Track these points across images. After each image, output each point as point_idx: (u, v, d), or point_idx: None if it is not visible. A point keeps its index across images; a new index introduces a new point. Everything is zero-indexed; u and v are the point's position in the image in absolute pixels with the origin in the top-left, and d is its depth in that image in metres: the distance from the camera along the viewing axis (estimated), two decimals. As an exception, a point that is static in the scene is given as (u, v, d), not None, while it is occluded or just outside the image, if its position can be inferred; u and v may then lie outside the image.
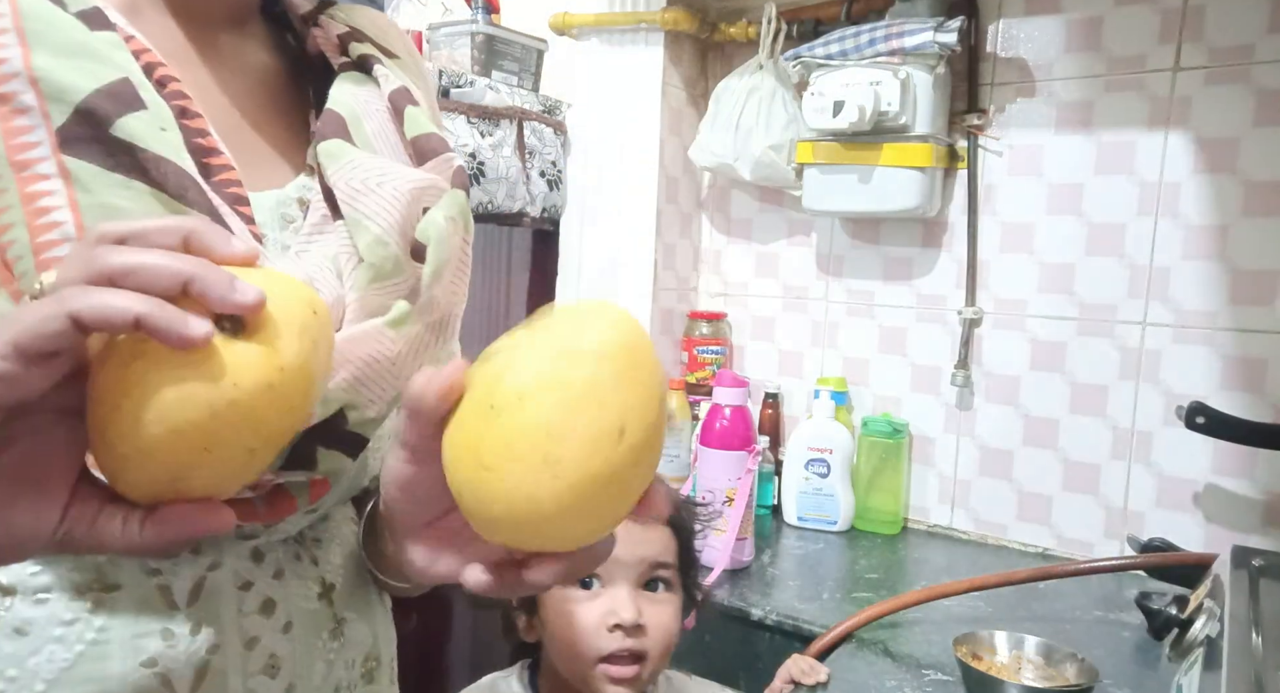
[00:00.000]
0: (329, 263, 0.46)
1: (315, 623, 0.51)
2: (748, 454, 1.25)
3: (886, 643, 1.03)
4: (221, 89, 0.50)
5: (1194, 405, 1.15)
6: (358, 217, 0.46)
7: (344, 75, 0.52)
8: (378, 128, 0.51)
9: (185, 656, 0.45)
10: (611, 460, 0.34)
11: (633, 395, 0.34)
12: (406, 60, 0.56)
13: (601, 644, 0.80)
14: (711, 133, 1.48)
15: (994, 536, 1.41)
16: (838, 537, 1.42)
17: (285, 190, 0.50)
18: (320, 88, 0.53)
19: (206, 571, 0.46)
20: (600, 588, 0.82)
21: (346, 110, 0.50)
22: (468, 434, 0.35)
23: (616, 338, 0.35)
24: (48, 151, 0.38)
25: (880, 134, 1.33)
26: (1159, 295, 1.27)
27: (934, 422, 1.46)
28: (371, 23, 0.56)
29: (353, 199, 0.46)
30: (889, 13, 1.35)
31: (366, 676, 0.55)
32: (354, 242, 0.46)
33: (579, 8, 1.56)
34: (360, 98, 0.51)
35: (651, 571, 0.84)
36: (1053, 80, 1.33)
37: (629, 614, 0.80)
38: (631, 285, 1.56)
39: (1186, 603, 0.81)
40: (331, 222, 0.48)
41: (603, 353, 0.34)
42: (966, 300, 1.40)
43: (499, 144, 1.39)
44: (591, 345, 0.34)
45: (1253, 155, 1.19)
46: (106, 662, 0.43)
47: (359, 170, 0.47)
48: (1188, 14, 1.22)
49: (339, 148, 0.48)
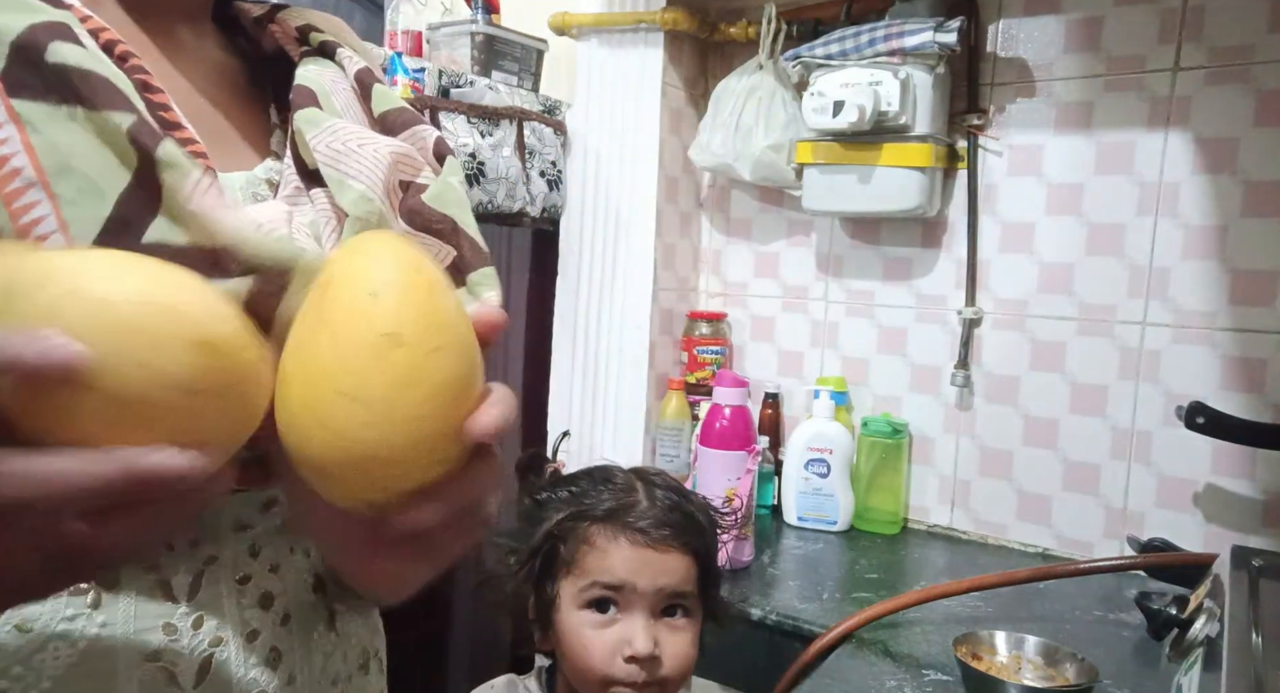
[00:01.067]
0: (307, 229, 0.46)
1: (312, 616, 0.51)
2: (748, 454, 1.25)
3: (886, 643, 1.03)
4: (183, 76, 0.50)
5: (1194, 405, 1.15)
6: (340, 177, 0.46)
7: (307, 60, 0.52)
8: (345, 104, 0.51)
9: (188, 649, 0.45)
10: (398, 365, 0.34)
11: (403, 302, 0.35)
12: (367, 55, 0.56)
13: (615, 673, 0.79)
14: (711, 133, 1.48)
15: (994, 536, 1.41)
16: (838, 537, 1.42)
17: (254, 172, 0.50)
18: (279, 83, 0.52)
19: (204, 564, 0.46)
20: (616, 614, 0.81)
21: (315, 85, 0.50)
22: (286, 400, 0.35)
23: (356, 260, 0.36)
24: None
25: (880, 134, 1.33)
26: (1159, 295, 1.27)
27: (934, 422, 1.46)
28: (325, 22, 0.56)
29: (334, 161, 0.46)
30: (889, 13, 1.35)
31: (363, 668, 0.56)
32: (337, 202, 0.46)
33: (579, 8, 1.56)
34: (326, 77, 0.51)
35: (670, 599, 0.82)
36: (1053, 80, 1.33)
37: (644, 646, 0.78)
38: (631, 285, 1.56)
39: (1186, 603, 0.81)
40: (305, 193, 0.47)
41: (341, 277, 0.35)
42: (966, 300, 1.40)
43: (499, 144, 1.39)
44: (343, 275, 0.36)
45: (1253, 155, 1.19)
46: (112, 658, 0.43)
47: (339, 134, 0.47)
48: (1188, 14, 1.22)
49: (315, 115, 0.48)
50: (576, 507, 0.84)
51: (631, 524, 0.82)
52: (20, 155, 0.37)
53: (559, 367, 1.64)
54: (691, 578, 0.83)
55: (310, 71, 0.51)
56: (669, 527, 0.82)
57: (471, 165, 1.33)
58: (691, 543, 0.83)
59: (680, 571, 0.82)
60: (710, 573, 0.86)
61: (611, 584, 0.80)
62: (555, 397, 1.65)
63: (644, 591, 0.80)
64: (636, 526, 0.81)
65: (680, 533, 0.83)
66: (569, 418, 1.63)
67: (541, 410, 1.65)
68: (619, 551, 0.81)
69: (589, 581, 0.81)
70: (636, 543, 0.81)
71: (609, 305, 1.58)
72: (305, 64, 0.51)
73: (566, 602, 0.82)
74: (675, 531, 0.82)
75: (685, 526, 0.84)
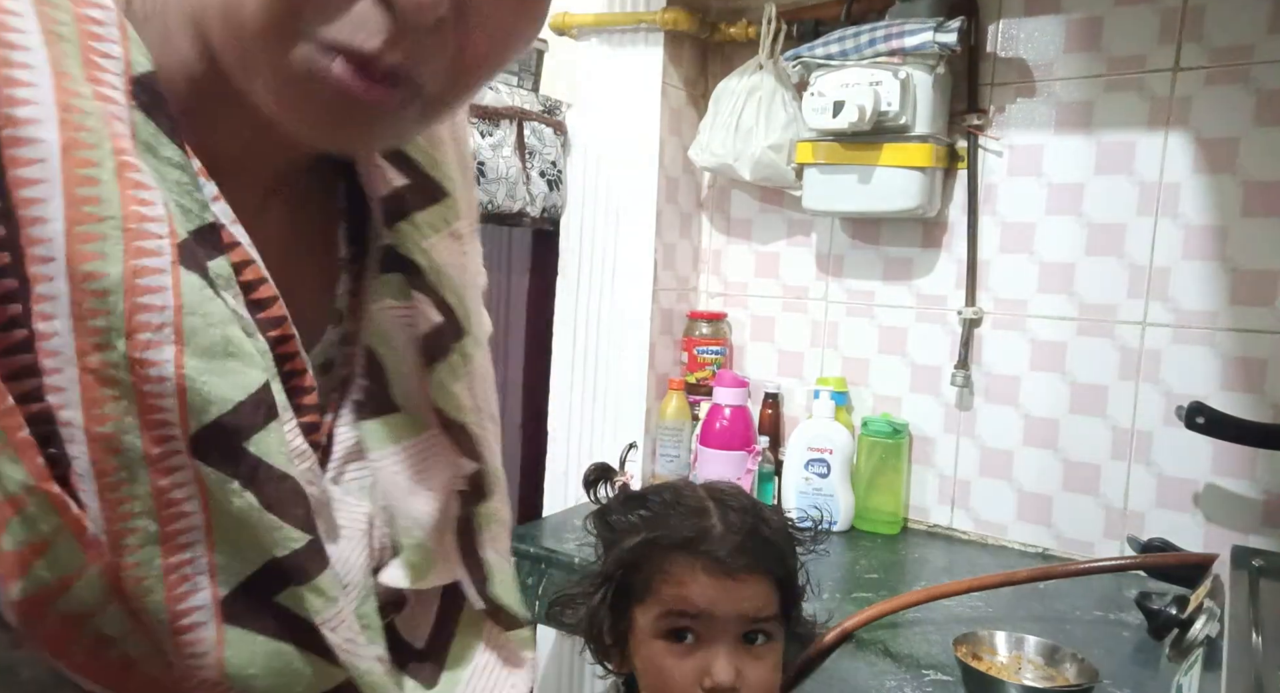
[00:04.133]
0: (362, 525, 0.46)
1: None
2: (748, 454, 1.25)
3: (886, 643, 1.03)
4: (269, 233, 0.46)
5: (1194, 405, 1.15)
6: (403, 522, 0.47)
7: (385, 282, 0.48)
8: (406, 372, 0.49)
9: None
10: None
11: None
12: (456, 177, 0.53)
13: None
14: (711, 133, 1.48)
15: (994, 536, 1.41)
16: (838, 537, 1.42)
17: (320, 347, 0.48)
18: (353, 196, 0.50)
19: None
20: (695, 644, 0.78)
21: (385, 348, 0.48)
22: None
23: None
24: (181, 446, 0.37)
25: (880, 134, 1.33)
26: (1159, 295, 1.27)
27: (934, 422, 1.46)
28: None
29: (394, 497, 0.46)
30: (889, 13, 1.35)
31: None
32: (395, 537, 0.47)
33: (579, 8, 1.56)
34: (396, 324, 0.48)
35: (751, 626, 0.79)
36: (1053, 80, 1.33)
37: (726, 677, 0.75)
38: (631, 285, 1.56)
39: (1186, 603, 0.81)
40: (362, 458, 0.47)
41: None
42: (966, 300, 1.40)
43: (499, 144, 1.39)
44: None
45: (1253, 155, 1.19)
46: None
47: (404, 453, 0.47)
48: (1188, 14, 1.22)
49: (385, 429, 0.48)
50: (649, 532, 0.81)
51: (708, 553, 0.78)
52: (196, 513, 0.37)
53: (559, 367, 1.64)
54: (772, 602, 0.80)
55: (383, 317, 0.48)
56: (746, 554, 0.79)
57: (471, 165, 1.33)
58: (770, 567, 0.80)
59: (760, 596, 0.79)
60: (791, 594, 0.83)
61: (688, 613, 0.78)
62: (555, 397, 1.65)
63: (723, 619, 0.77)
64: (714, 554, 0.78)
65: (758, 559, 0.79)
66: (569, 418, 1.63)
67: (541, 410, 1.66)
68: (695, 580, 0.78)
69: (665, 609, 0.78)
70: (713, 572, 0.78)
71: (609, 305, 1.58)
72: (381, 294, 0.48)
73: (643, 629, 0.80)
74: (752, 557, 0.79)
75: (763, 551, 0.80)
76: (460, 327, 0.49)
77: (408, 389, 0.49)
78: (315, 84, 0.37)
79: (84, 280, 0.34)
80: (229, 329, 0.38)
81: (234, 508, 0.38)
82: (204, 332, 0.36)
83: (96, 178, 0.34)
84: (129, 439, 0.35)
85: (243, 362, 0.38)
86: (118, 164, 0.35)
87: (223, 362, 0.37)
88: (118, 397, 0.35)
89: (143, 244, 0.35)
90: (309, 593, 0.40)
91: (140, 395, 0.35)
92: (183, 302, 0.36)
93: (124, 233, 0.34)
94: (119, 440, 0.35)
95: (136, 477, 0.36)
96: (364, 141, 0.43)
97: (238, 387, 0.37)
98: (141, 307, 0.35)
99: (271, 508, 0.38)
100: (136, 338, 0.34)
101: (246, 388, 0.38)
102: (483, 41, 0.39)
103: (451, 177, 0.51)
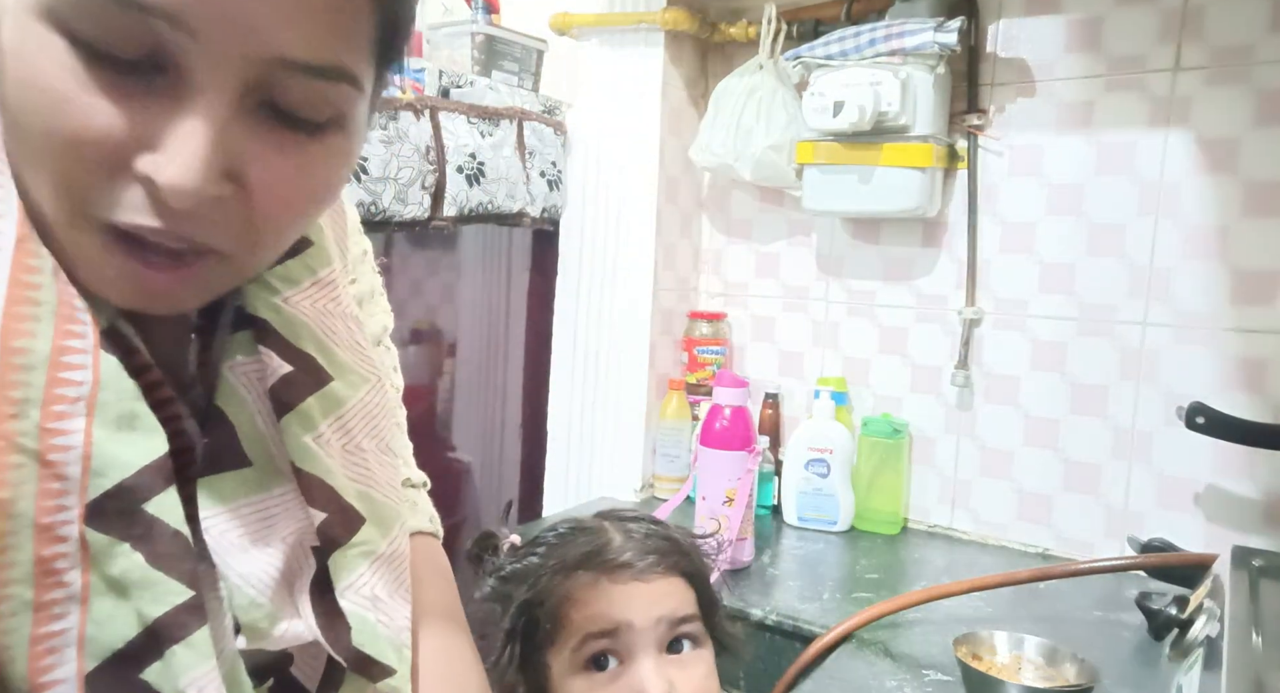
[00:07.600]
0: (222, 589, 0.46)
1: None
2: (748, 454, 1.25)
3: (886, 643, 1.03)
4: None
5: (1194, 406, 1.15)
6: (233, 580, 0.45)
7: (235, 341, 0.48)
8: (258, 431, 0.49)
9: None
10: None
11: None
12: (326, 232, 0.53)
13: None
14: (711, 133, 1.48)
15: (994, 536, 1.41)
16: (838, 537, 1.42)
17: None
18: None
19: None
20: (618, 668, 0.70)
21: (231, 405, 0.47)
22: None
23: None
24: (74, 516, 0.38)
25: (880, 134, 1.33)
26: (1159, 295, 1.27)
27: (934, 422, 1.46)
28: None
29: (221, 555, 0.45)
30: (889, 13, 1.36)
31: None
32: (229, 596, 0.45)
33: (579, 8, 1.56)
34: (246, 380, 0.48)
35: (673, 630, 0.72)
36: (1053, 80, 1.33)
37: (657, 690, 0.68)
38: (631, 285, 1.56)
39: (1186, 603, 0.81)
40: None
41: None
42: (966, 300, 1.40)
43: (499, 144, 1.39)
44: None
45: (1253, 155, 1.19)
46: None
47: (237, 512, 0.46)
48: (1188, 14, 1.22)
49: (215, 488, 0.46)
50: (547, 562, 0.75)
51: (611, 561, 0.72)
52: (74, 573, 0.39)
53: (559, 367, 1.64)
54: (689, 601, 0.75)
55: (232, 382, 0.48)
56: (650, 554, 0.73)
57: (471, 165, 1.33)
58: (680, 564, 0.75)
59: (674, 595, 0.73)
60: (707, 597, 0.77)
61: (604, 631, 0.70)
62: (555, 397, 1.65)
63: (641, 627, 0.70)
64: (618, 561, 0.72)
65: (665, 556, 0.74)
66: (569, 418, 1.63)
67: (541, 411, 1.66)
68: (604, 594, 0.71)
69: (580, 637, 0.71)
70: (620, 579, 0.72)
71: (609, 305, 1.59)
72: (231, 365, 0.48)
73: (560, 673, 0.72)
74: (658, 556, 0.74)
75: (668, 548, 0.75)
76: (321, 375, 0.49)
77: (262, 443, 0.48)
78: (110, 269, 0.40)
79: (12, 355, 0.37)
80: (136, 404, 0.41)
81: (117, 572, 0.39)
82: (114, 405, 0.40)
83: (39, 268, 0.39)
84: (23, 506, 0.37)
85: (145, 434, 0.41)
86: (53, 265, 0.40)
87: (129, 433, 0.40)
88: (20, 464, 0.37)
89: (71, 327, 0.39)
90: (183, 649, 0.40)
91: (44, 464, 0.37)
92: (101, 378, 0.39)
93: (56, 317, 0.39)
94: (13, 506, 0.37)
95: (21, 544, 0.37)
96: (173, 307, 0.43)
97: (142, 452, 0.40)
98: (62, 381, 0.38)
99: (159, 563, 0.40)
100: (50, 409, 0.38)
101: (150, 454, 0.41)
102: (273, 204, 0.41)
103: (315, 224, 0.52)
